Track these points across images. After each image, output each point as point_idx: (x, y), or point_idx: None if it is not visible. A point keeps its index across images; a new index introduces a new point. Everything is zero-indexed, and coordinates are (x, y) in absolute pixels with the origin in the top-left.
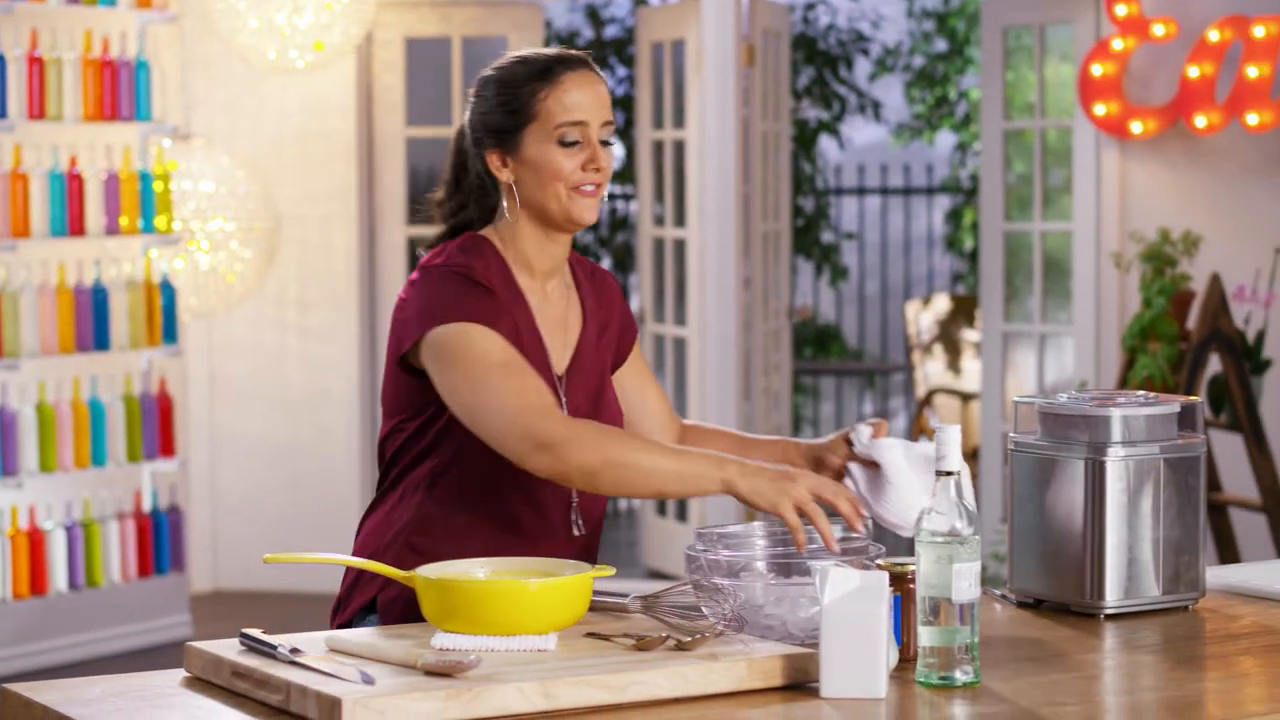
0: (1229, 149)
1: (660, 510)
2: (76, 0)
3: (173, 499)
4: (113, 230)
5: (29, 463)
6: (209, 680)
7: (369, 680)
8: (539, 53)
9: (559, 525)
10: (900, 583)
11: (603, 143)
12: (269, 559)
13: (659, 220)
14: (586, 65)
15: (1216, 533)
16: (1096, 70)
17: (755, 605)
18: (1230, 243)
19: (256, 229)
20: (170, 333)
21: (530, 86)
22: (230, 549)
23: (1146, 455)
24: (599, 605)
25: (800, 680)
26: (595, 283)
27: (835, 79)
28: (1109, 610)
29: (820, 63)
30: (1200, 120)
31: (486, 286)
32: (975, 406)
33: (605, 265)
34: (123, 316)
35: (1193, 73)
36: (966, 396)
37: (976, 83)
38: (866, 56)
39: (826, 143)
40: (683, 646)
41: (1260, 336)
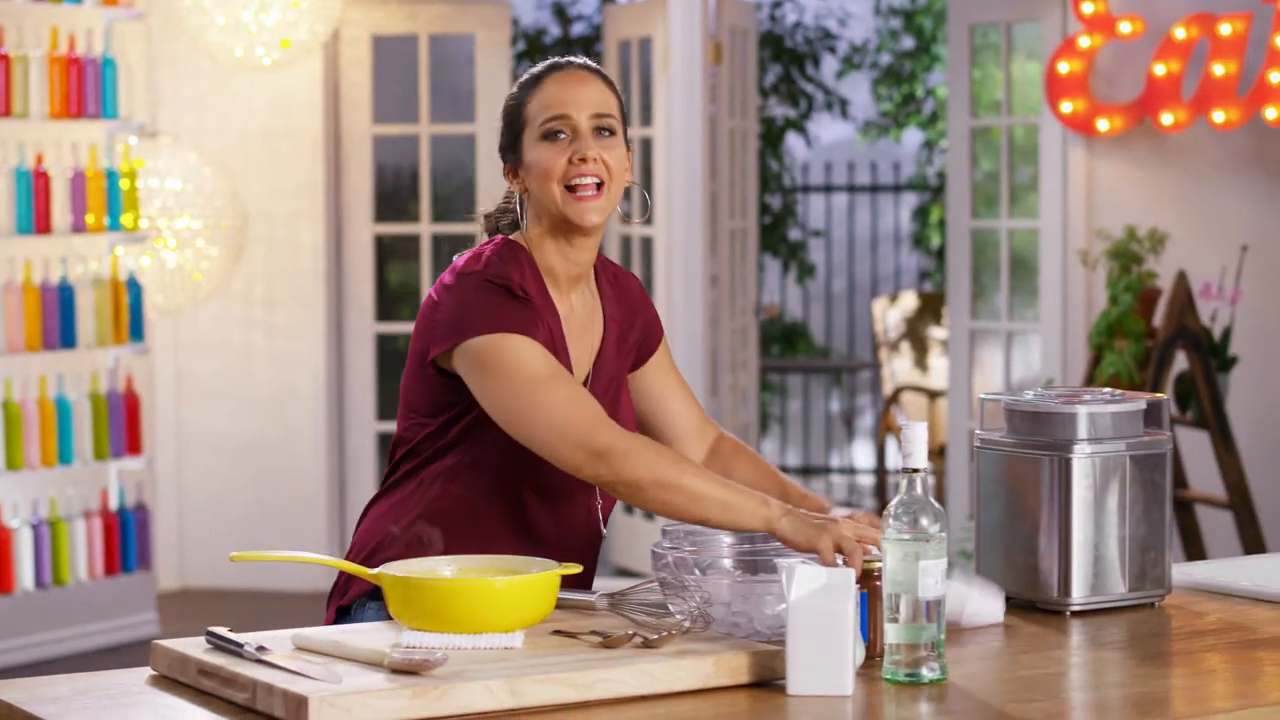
0: (1195, 147)
1: (627, 507)
2: None
3: (139, 497)
4: (79, 228)
5: None
6: (175, 679)
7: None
8: (539, 64)
9: (574, 528)
10: (866, 580)
11: (599, 133)
12: (235, 557)
13: (626, 217)
14: (577, 66)
15: (1183, 530)
16: (1063, 68)
17: (722, 602)
18: (1197, 240)
19: (223, 226)
20: (137, 330)
21: (522, 96)
22: (197, 547)
23: (1113, 452)
24: (565, 603)
25: (767, 678)
26: (618, 287)
27: (802, 76)
28: (1075, 607)
29: (787, 60)
30: (1167, 118)
31: (524, 296)
32: (942, 404)
33: None
34: (89, 314)
35: (1159, 70)
36: (933, 394)
37: (943, 80)
38: (833, 54)
39: (794, 140)
40: (649, 644)
41: (1226, 333)
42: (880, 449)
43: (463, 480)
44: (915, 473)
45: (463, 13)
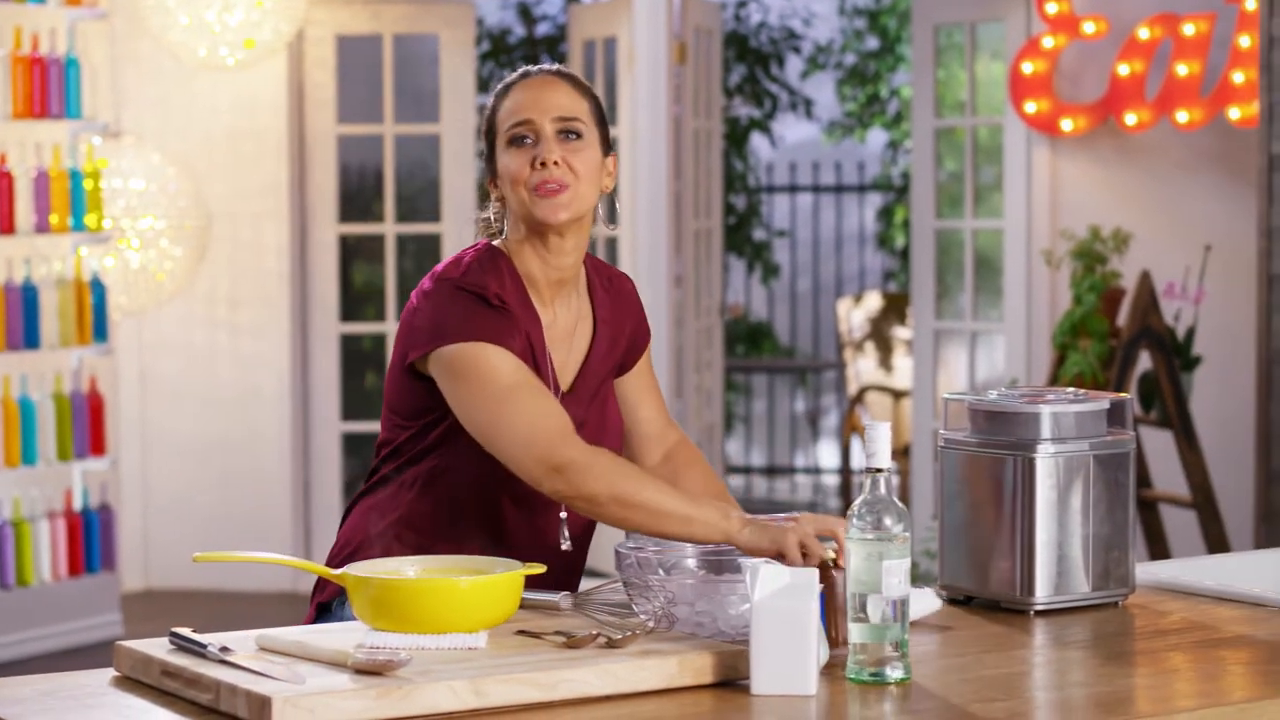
0: (1159, 146)
1: None
2: None
3: (103, 498)
4: (42, 228)
5: None
6: (139, 680)
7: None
8: (513, 74)
9: (551, 537)
10: (822, 571)
11: (564, 136)
12: (199, 558)
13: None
14: (547, 72)
15: (1146, 529)
16: (1027, 68)
17: (686, 602)
18: (1160, 240)
19: (187, 227)
20: (101, 331)
21: (494, 105)
22: (161, 548)
23: (1076, 452)
24: (530, 603)
25: (731, 677)
26: (612, 291)
27: (767, 77)
28: (1039, 606)
29: (752, 60)
30: (1130, 118)
31: (501, 305)
32: (907, 404)
33: None
34: (53, 315)
35: (1123, 70)
36: (898, 394)
37: (908, 80)
38: (798, 54)
39: (758, 140)
40: (613, 644)
41: (1190, 333)
42: (845, 449)
43: (440, 484)
44: (879, 472)
45: (427, 13)
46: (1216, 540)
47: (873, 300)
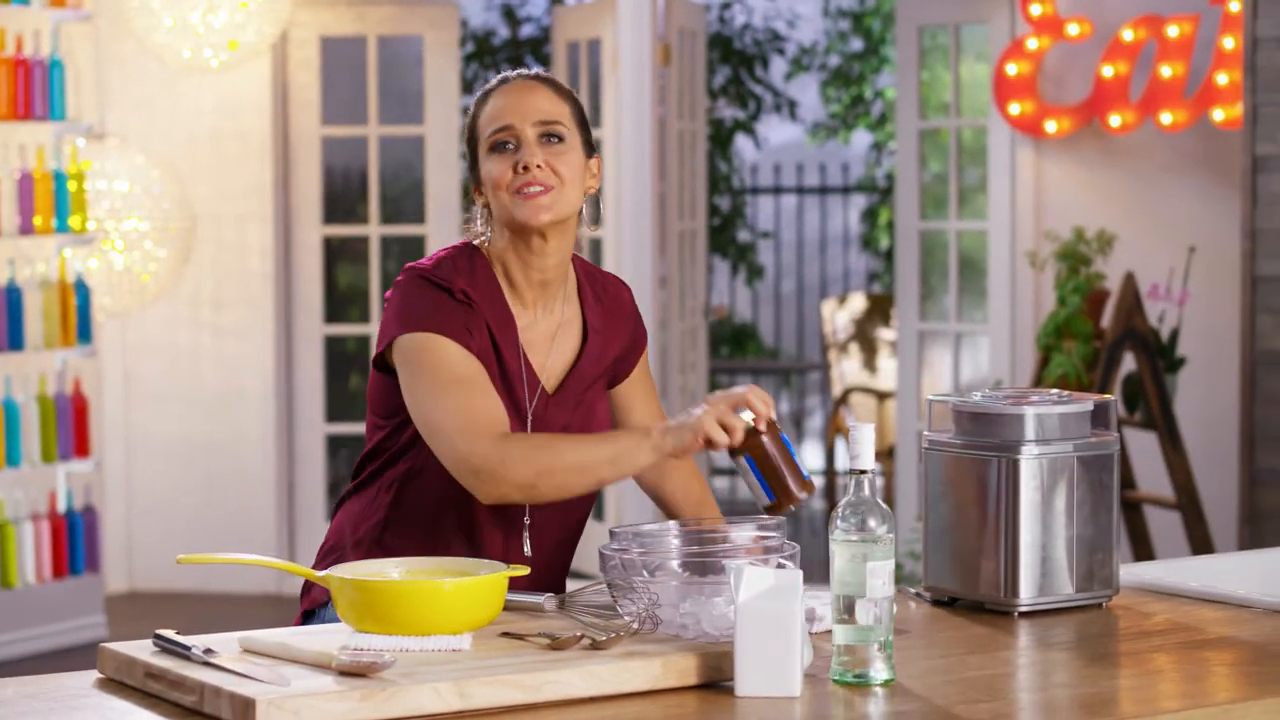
0: (1143, 148)
1: None
2: None
3: (88, 499)
4: (27, 230)
5: None
6: (123, 682)
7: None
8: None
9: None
10: (748, 438)
11: (546, 139)
12: (183, 560)
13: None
14: (526, 77)
15: (1131, 530)
16: (1011, 70)
17: (670, 604)
18: (1144, 241)
19: (171, 228)
20: (85, 333)
21: (475, 112)
22: (145, 549)
23: (1060, 453)
24: (514, 605)
25: (715, 679)
26: (605, 299)
27: (751, 78)
28: (1023, 608)
29: (736, 62)
30: (1114, 119)
31: (464, 299)
32: (891, 405)
33: None
34: (37, 316)
35: (1107, 72)
36: (882, 395)
37: (892, 82)
38: (782, 56)
39: (742, 142)
40: (598, 646)
41: (1174, 335)
42: (829, 450)
43: (415, 486)
44: (863, 474)
45: (411, 14)
46: (1201, 541)
47: (857, 302)
